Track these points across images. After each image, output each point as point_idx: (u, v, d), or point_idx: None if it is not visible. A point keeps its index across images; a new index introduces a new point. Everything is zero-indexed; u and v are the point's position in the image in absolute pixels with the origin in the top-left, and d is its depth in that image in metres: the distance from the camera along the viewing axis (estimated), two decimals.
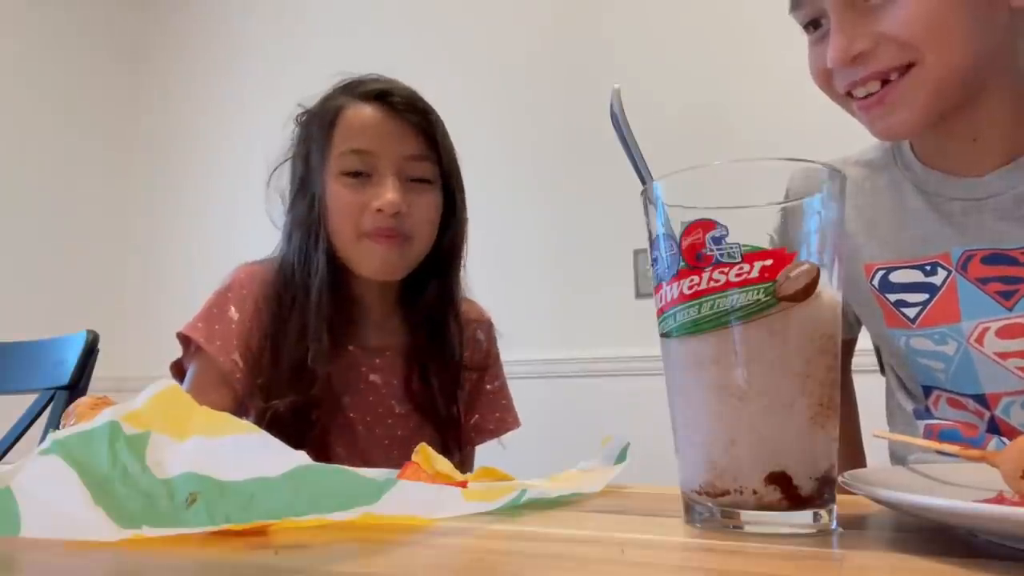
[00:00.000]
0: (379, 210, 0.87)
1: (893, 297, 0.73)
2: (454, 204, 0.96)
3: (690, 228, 0.38)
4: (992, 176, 0.69)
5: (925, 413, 0.75)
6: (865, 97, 0.67)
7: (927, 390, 0.74)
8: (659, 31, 2.17)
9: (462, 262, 0.98)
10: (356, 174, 0.88)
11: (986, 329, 0.67)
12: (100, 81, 2.96)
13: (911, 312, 0.72)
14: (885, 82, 0.65)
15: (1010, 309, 0.67)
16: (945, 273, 0.70)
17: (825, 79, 0.70)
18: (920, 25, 0.62)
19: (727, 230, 0.37)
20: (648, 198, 0.41)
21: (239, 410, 0.87)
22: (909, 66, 0.64)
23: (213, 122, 2.92)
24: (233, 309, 0.90)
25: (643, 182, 0.44)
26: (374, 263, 0.89)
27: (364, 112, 0.91)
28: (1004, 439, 0.68)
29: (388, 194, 0.87)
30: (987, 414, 0.69)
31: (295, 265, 0.91)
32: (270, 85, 2.80)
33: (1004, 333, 0.67)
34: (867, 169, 0.79)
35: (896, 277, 0.73)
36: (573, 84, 2.24)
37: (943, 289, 0.70)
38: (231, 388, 0.88)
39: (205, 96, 2.94)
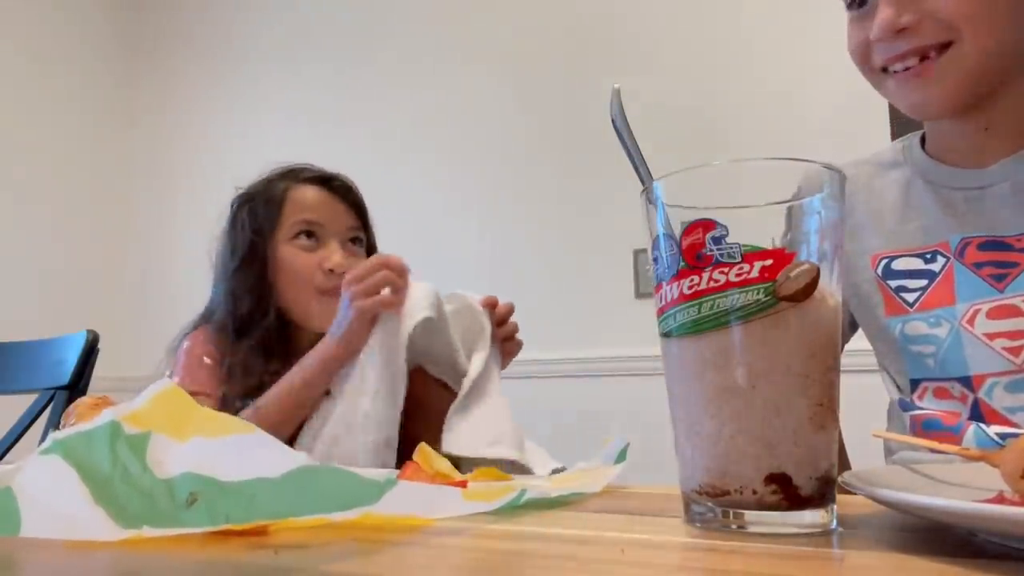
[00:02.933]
0: (330, 270, 1.02)
1: (894, 284, 0.76)
2: None
3: (690, 228, 0.38)
4: (995, 166, 0.73)
5: (911, 405, 0.77)
6: (904, 71, 0.71)
7: (915, 384, 0.76)
8: (660, 30, 2.17)
9: None
10: (308, 236, 1.04)
11: (978, 311, 0.70)
12: (99, 81, 2.96)
13: (910, 297, 0.75)
14: (923, 59, 0.69)
15: (1001, 291, 0.69)
16: (944, 260, 0.73)
17: (864, 53, 0.74)
18: (964, 5, 0.66)
19: (727, 230, 0.37)
20: (648, 198, 0.41)
21: None
22: (947, 45, 0.68)
23: (212, 121, 2.92)
24: (205, 357, 1.00)
25: (643, 182, 0.44)
26: (328, 318, 0.99)
27: (310, 192, 1.07)
28: (982, 425, 0.69)
29: (336, 256, 1.03)
30: (971, 397, 0.71)
31: (241, 324, 1.01)
32: (270, 85, 2.80)
33: (994, 314, 0.69)
34: (877, 167, 0.82)
35: (898, 265, 0.76)
36: (573, 83, 2.25)
37: (941, 275, 0.73)
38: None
39: (204, 95, 2.94)
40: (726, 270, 0.37)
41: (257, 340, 1.00)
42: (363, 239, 1.10)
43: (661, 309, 0.40)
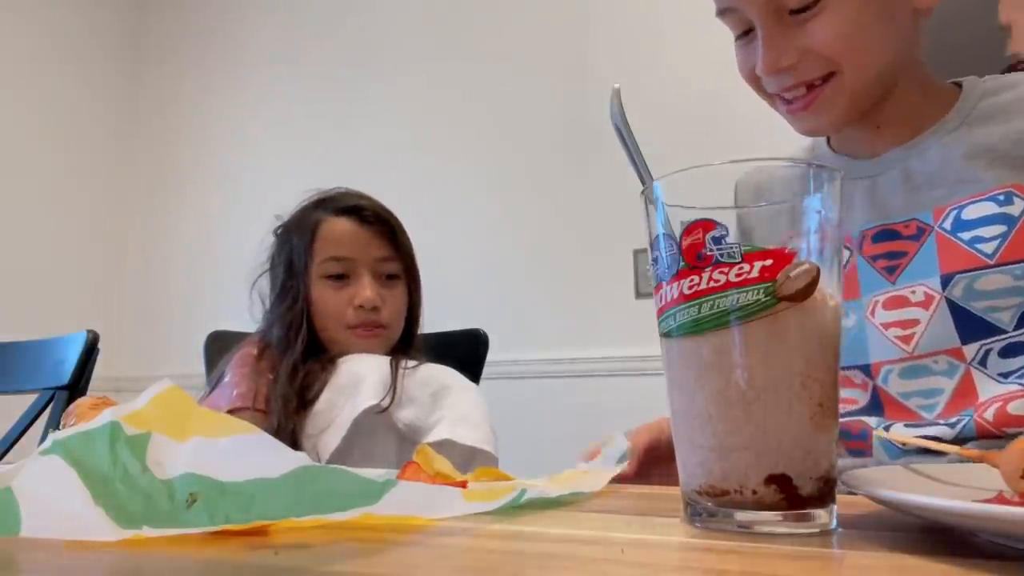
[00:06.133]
0: (360, 306, 1.05)
1: None
2: (411, 295, 1.14)
3: (690, 228, 0.38)
4: (887, 154, 0.77)
5: None
6: (791, 100, 0.74)
7: None
8: (660, 29, 2.17)
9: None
10: (337, 277, 1.07)
11: (876, 302, 0.74)
12: (100, 81, 2.96)
13: None
14: (810, 87, 0.72)
15: (893, 283, 0.73)
16: (848, 253, 0.77)
17: (754, 80, 0.77)
18: (840, 41, 0.69)
19: (727, 230, 0.37)
20: (648, 198, 0.41)
21: None
22: (830, 75, 0.71)
23: (213, 122, 2.92)
24: (248, 369, 1.04)
25: (643, 182, 0.44)
26: (359, 351, 1.05)
27: (340, 224, 1.08)
28: (882, 433, 0.72)
29: (366, 291, 1.05)
30: (871, 384, 0.74)
31: (276, 350, 1.06)
32: (270, 85, 2.80)
33: (888, 304, 0.73)
34: (792, 169, 0.85)
35: None
36: (573, 83, 2.25)
37: (847, 269, 0.77)
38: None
39: (205, 96, 2.94)
40: (726, 270, 0.37)
41: (292, 361, 1.03)
42: (398, 269, 1.11)
43: (661, 309, 0.40)
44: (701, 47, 2.10)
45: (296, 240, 1.09)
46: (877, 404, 0.74)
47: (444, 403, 1.01)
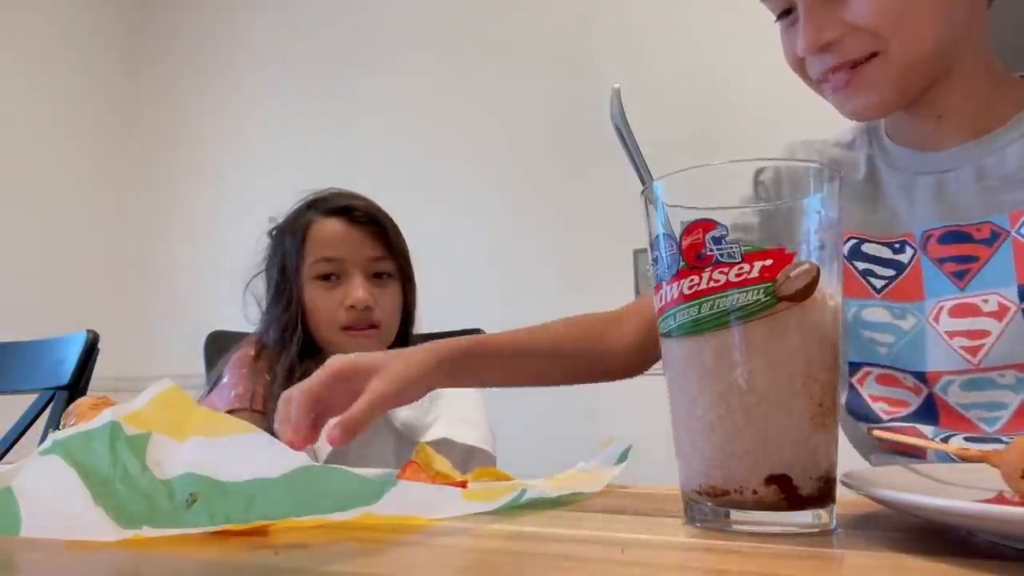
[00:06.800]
0: (351, 306, 1.05)
1: (861, 266, 0.75)
2: (406, 295, 1.14)
3: (690, 228, 0.38)
4: (956, 149, 0.71)
5: (852, 393, 0.75)
6: (836, 80, 0.69)
7: (854, 367, 0.75)
8: (661, 29, 2.17)
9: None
10: (327, 277, 1.07)
11: (942, 308, 0.69)
12: (100, 82, 2.95)
13: (877, 283, 0.74)
14: (855, 65, 0.68)
15: (962, 289, 0.68)
16: (911, 251, 0.72)
17: (799, 65, 0.73)
18: (885, 14, 0.64)
19: (727, 230, 0.37)
20: (648, 198, 0.41)
21: None
22: (875, 54, 0.66)
23: (212, 123, 2.92)
24: (246, 371, 1.06)
25: (643, 182, 0.44)
26: (354, 351, 1.05)
27: (330, 225, 1.09)
28: (938, 442, 0.67)
29: (357, 292, 1.06)
30: (925, 391, 0.70)
31: (273, 351, 1.07)
32: (265, 85, 2.80)
33: (955, 312, 0.69)
34: (846, 150, 0.81)
35: (868, 249, 0.75)
36: (573, 83, 2.25)
37: (910, 267, 0.72)
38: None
39: (205, 98, 2.94)
40: (726, 270, 0.37)
41: (288, 362, 1.04)
42: (391, 268, 1.11)
43: (661, 309, 0.41)
44: (702, 47, 2.10)
45: (288, 242, 1.10)
46: (931, 411, 0.70)
47: (441, 402, 1.01)
